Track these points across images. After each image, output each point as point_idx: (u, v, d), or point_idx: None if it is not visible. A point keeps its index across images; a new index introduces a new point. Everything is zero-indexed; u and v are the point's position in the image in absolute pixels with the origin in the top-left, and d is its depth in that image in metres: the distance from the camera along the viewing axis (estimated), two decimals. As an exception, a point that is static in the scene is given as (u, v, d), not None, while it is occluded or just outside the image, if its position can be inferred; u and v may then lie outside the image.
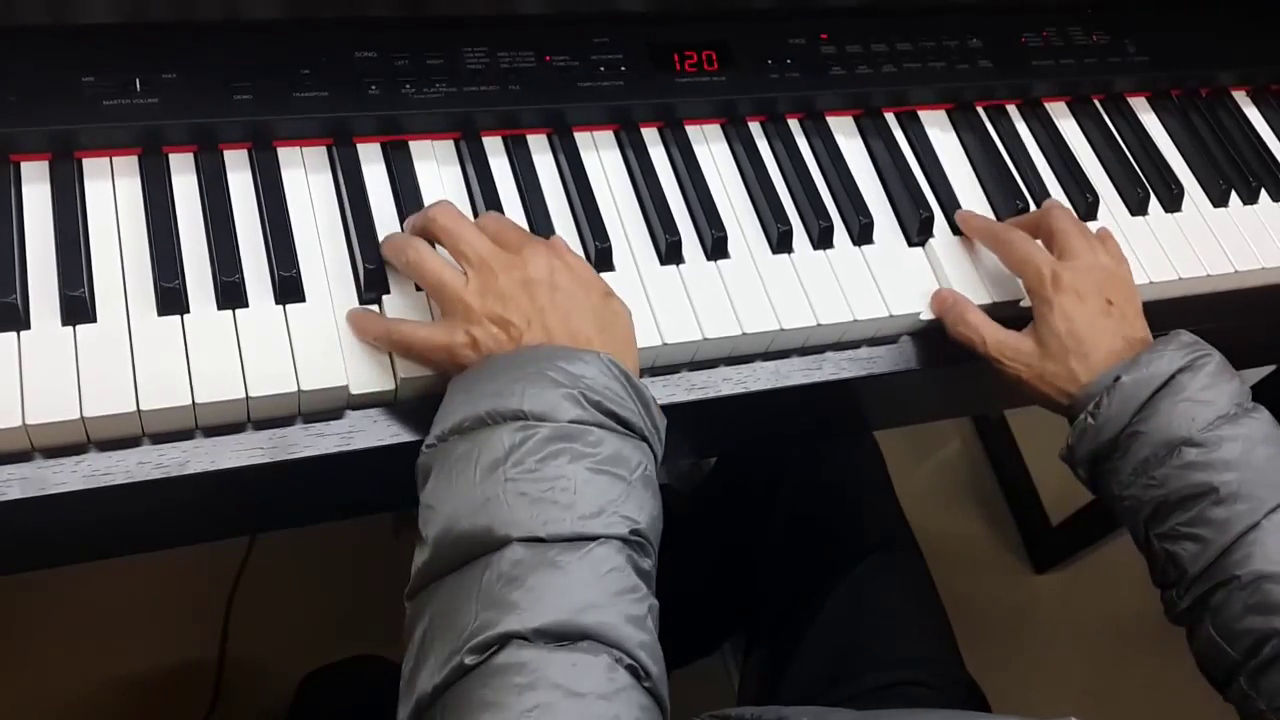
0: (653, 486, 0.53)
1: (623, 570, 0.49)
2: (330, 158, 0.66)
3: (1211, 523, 0.60)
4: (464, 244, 0.58)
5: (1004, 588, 1.56)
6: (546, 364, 0.53)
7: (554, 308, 0.57)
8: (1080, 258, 0.67)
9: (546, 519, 0.48)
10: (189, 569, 1.26)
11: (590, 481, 0.50)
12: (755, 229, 0.71)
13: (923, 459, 1.66)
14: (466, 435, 0.52)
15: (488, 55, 0.69)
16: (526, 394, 0.51)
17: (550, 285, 0.57)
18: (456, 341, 0.56)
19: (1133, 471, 0.62)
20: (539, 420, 0.51)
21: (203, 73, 0.63)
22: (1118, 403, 0.62)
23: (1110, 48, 0.84)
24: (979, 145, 0.79)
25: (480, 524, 0.48)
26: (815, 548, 0.95)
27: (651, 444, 0.55)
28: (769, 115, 0.76)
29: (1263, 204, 0.83)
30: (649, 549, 0.51)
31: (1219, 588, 0.59)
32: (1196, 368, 0.62)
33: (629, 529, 0.50)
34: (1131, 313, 0.67)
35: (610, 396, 0.53)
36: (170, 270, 0.59)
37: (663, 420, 0.56)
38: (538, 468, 0.49)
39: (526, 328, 0.56)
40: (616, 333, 0.59)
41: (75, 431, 0.55)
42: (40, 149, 0.61)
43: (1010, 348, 0.67)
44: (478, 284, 0.57)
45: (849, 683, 0.84)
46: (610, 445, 0.52)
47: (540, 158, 0.70)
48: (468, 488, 0.50)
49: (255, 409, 0.58)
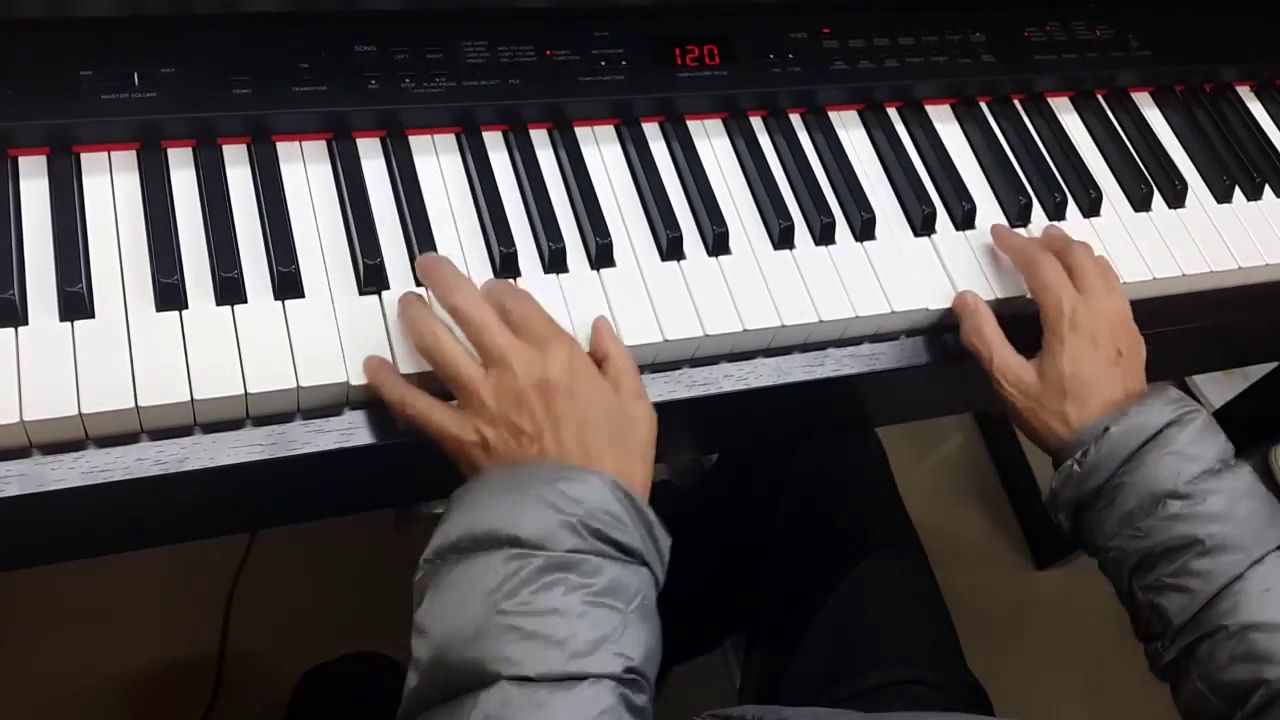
0: (650, 616, 0.52)
1: (613, 711, 0.47)
2: (330, 152, 0.66)
3: (1197, 574, 0.60)
4: (486, 337, 0.56)
5: (1005, 584, 1.56)
6: (546, 486, 0.51)
7: (569, 416, 0.55)
8: (1097, 300, 0.67)
9: (537, 657, 0.47)
10: (189, 565, 1.26)
11: (585, 615, 0.48)
12: (757, 225, 0.71)
13: (924, 455, 1.65)
14: (463, 557, 0.50)
15: (488, 49, 0.69)
16: (524, 519, 0.50)
17: (568, 392, 0.55)
18: (468, 439, 0.55)
19: (1118, 522, 0.63)
20: (534, 549, 0.49)
21: (201, 67, 0.63)
22: (1105, 452, 0.62)
23: (1114, 42, 0.84)
24: (982, 140, 0.79)
25: (470, 657, 0.47)
26: (817, 545, 0.94)
27: (653, 568, 0.54)
28: (771, 110, 0.76)
29: (1267, 199, 0.83)
30: (645, 686, 0.50)
31: (1205, 639, 0.59)
32: (1185, 423, 0.62)
33: (623, 667, 0.48)
34: (1135, 365, 0.67)
35: (610, 523, 0.51)
36: (169, 266, 0.58)
37: (667, 541, 0.55)
38: (531, 599, 0.48)
39: (538, 437, 0.54)
40: (631, 444, 0.57)
41: (73, 428, 0.54)
42: (38, 143, 0.60)
43: (1013, 373, 0.66)
44: (495, 382, 0.55)
45: (850, 681, 0.84)
46: (608, 574, 0.50)
47: (541, 152, 0.69)
48: (459, 615, 0.49)
49: (254, 405, 0.57)
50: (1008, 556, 1.59)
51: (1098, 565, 0.66)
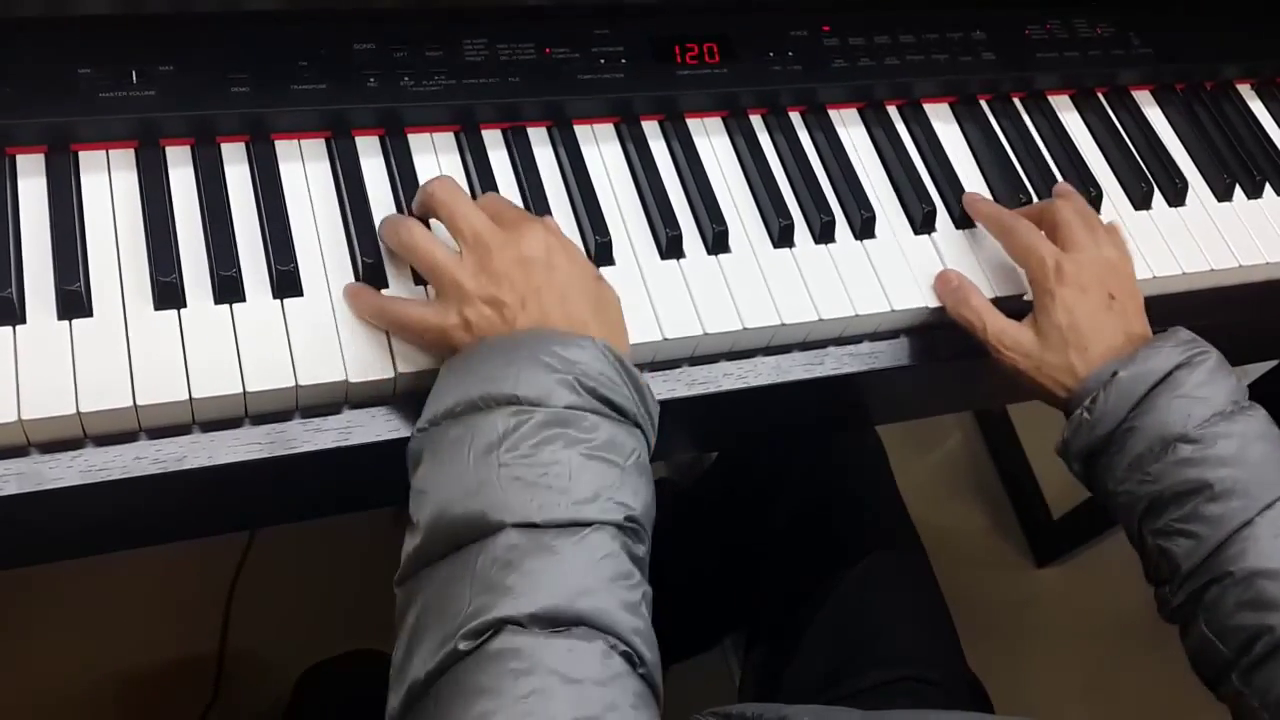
0: (646, 473, 0.53)
1: (617, 556, 0.49)
2: (328, 150, 0.65)
3: (1206, 519, 0.59)
4: (460, 219, 0.57)
5: (1006, 582, 1.56)
6: (541, 348, 0.52)
7: (549, 287, 0.56)
8: (1084, 250, 0.67)
9: (541, 504, 0.48)
10: (188, 564, 1.26)
11: (585, 467, 0.50)
12: (756, 223, 0.71)
13: (924, 453, 1.65)
14: (459, 419, 0.51)
15: (487, 47, 0.69)
16: (521, 379, 0.51)
17: (547, 264, 0.56)
18: (450, 323, 0.56)
19: (1128, 467, 0.62)
20: (533, 405, 0.50)
21: (200, 65, 0.62)
22: (1114, 398, 0.62)
23: (1114, 40, 0.84)
24: (982, 138, 0.79)
25: (474, 509, 0.48)
26: (818, 543, 0.94)
27: (645, 430, 0.55)
28: (770, 108, 0.76)
29: (1267, 198, 0.83)
30: (643, 535, 0.51)
31: (1212, 584, 0.59)
32: (1194, 364, 0.61)
33: (624, 515, 0.50)
34: (1133, 308, 0.67)
35: (605, 383, 0.52)
36: (167, 264, 0.58)
37: (656, 407, 0.56)
38: (532, 453, 0.49)
39: (521, 308, 0.55)
40: (610, 316, 0.58)
41: (72, 426, 0.54)
42: (36, 141, 0.60)
43: (1010, 336, 0.66)
44: (472, 263, 0.56)
45: (851, 679, 0.84)
46: (605, 431, 0.51)
47: (540, 150, 0.69)
48: (461, 472, 0.50)
49: (253, 404, 0.57)
50: (1008, 554, 1.59)
51: (1108, 510, 0.65)
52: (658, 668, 0.49)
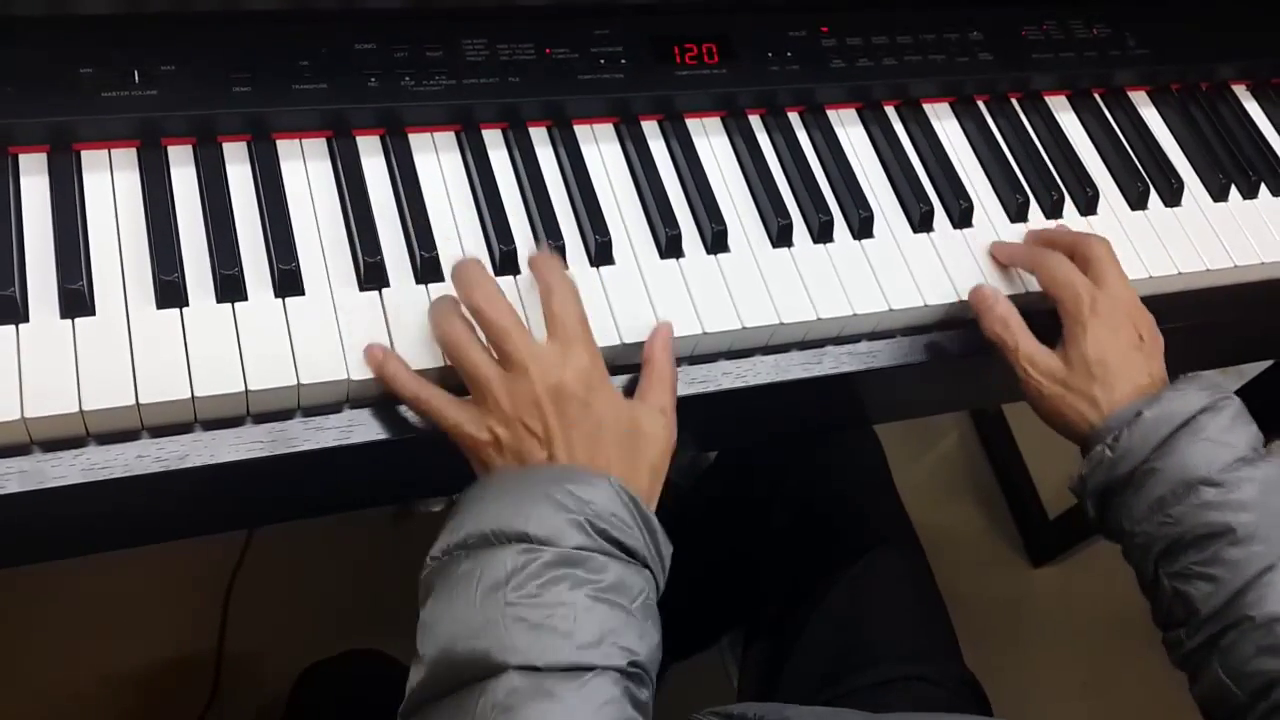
0: (653, 616, 0.53)
1: (618, 702, 0.48)
2: (329, 150, 0.66)
3: (1227, 563, 0.59)
4: (507, 342, 0.57)
5: (1001, 581, 1.57)
6: (555, 486, 0.52)
7: (581, 426, 0.56)
8: (1116, 288, 0.67)
9: (545, 647, 0.47)
10: (187, 563, 1.26)
11: (591, 609, 0.49)
12: (755, 223, 0.71)
13: (920, 453, 1.66)
14: (471, 553, 0.51)
15: (487, 48, 0.69)
16: (532, 516, 0.51)
17: (583, 402, 0.56)
18: (482, 437, 0.56)
19: (1148, 508, 0.62)
20: (543, 544, 0.50)
21: (201, 64, 0.63)
22: (1138, 437, 0.62)
23: (1110, 41, 0.84)
24: (980, 138, 0.79)
25: (478, 648, 0.48)
26: (816, 543, 0.95)
27: (654, 572, 0.54)
28: (769, 108, 0.76)
29: (1262, 198, 0.83)
30: (647, 680, 0.51)
31: (1230, 629, 0.59)
32: (1218, 409, 0.62)
33: (627, 660, 0.49)
34: (1158, 352, 0.67)
35: (616, 524, 0.52)
36: (169, 263, 0.58)
37: (668, 548, 0.56)
38: (539, 593, 0.49)
39: (549, 442, 0.55)
40: (640, 454, 0.58)
41: (74, 425, 0.54)
42: (38, 141, 0.60)
43: (1041, 361, 0.66)
44: (511, 384, 0.56)
45: (848, 678, 0.84)
46: (613, 573, 0.51)
47: (540, 150, 0.69)
48: (467, 609, 0.49)
49: (254, 402, 0.57)
50: (1003, 554, 1.60)
51: (1122, 552, 0.66)
52: None
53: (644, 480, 0.58)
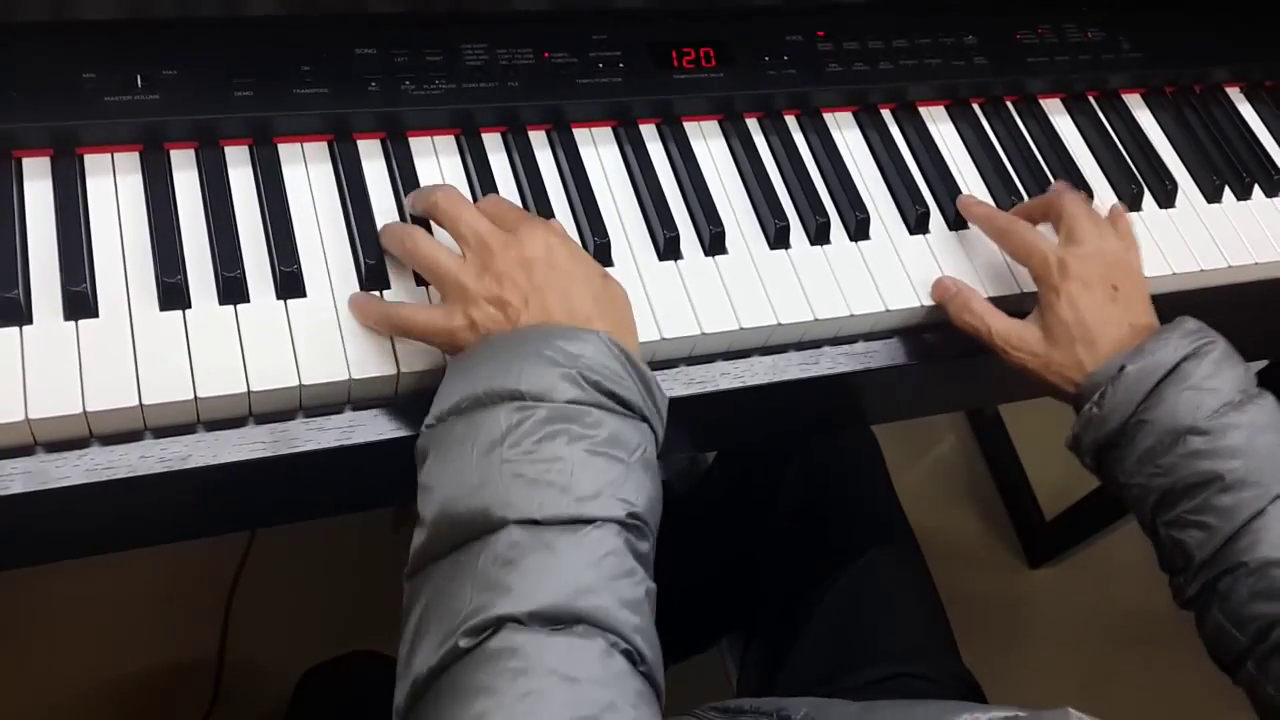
0: (652, 469, 0.53)
1: (619, 554, 0.48)
2: (331, 154, 0.66)
3: (1217, 510, 0.60)
4: (462, 224, 0.58)
5: (999, 583, 1.57)
6: (544, 343, 0.52)
7: (552, 286, 0.56)
8: (1087, 243, 0.67)
9: (543, 501, 0.48)
10: (188, 568, 1.26)
11: (588, 464, 0.49)
12: (753, 225, 0.72)
13: (918, 455, 1.66)
14: (464, 415, 0.51)
15: (487, 52, 0.69)
16: (524, 374, 0.51)
17: (548, 263, 0.57)
18: (456, 325, 0.56)
19: (1138, 460, 0.63)
20: (536, 400, 0.50)
21: (204, 69, 0.63)
22: (1123, 392, 0.62)
23: (1105, 44, 0.85)
24: (975, 141, 0.80)
25: (476, 506, 0.48)
26: (814, 543, 0.95)
27: (652, 424, 0.55)
28: (766, 112, 0.77)
29: (1256, 199, 0.84)
30: (647, 532, 0.51)
31: (1226, 574, 0.60)
32: (1201, 355, 0.62)
33: (626, 512, 0.49)
34: (1137, 298, 0.67)
35: (609, 376, 0.52)
36: (172, 265, 0.59)
37: (664, 400, 0.56)
38: (535, 449, 0.49)
39: (524, 307, 0.56)
40: (616, 312, 0.58)
41: (78, 426, 0.55)
42: (42, 145, 0.61)
43: (1016, 336, 0.67)
44: (475, 265, 0.57)
45: (846, 676, 0.84)
46: (609, 426, 0.51)
47: (539, 153, 0.70)
48: (465, 469, 0.50)
49: (257, 403, 0.58)
50: (1001, 555, 1.60)
51: (1121, 500, 0.66)
52: (659, 665, 0.49)
53: (627, 336, 0.58)
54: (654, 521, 0.52)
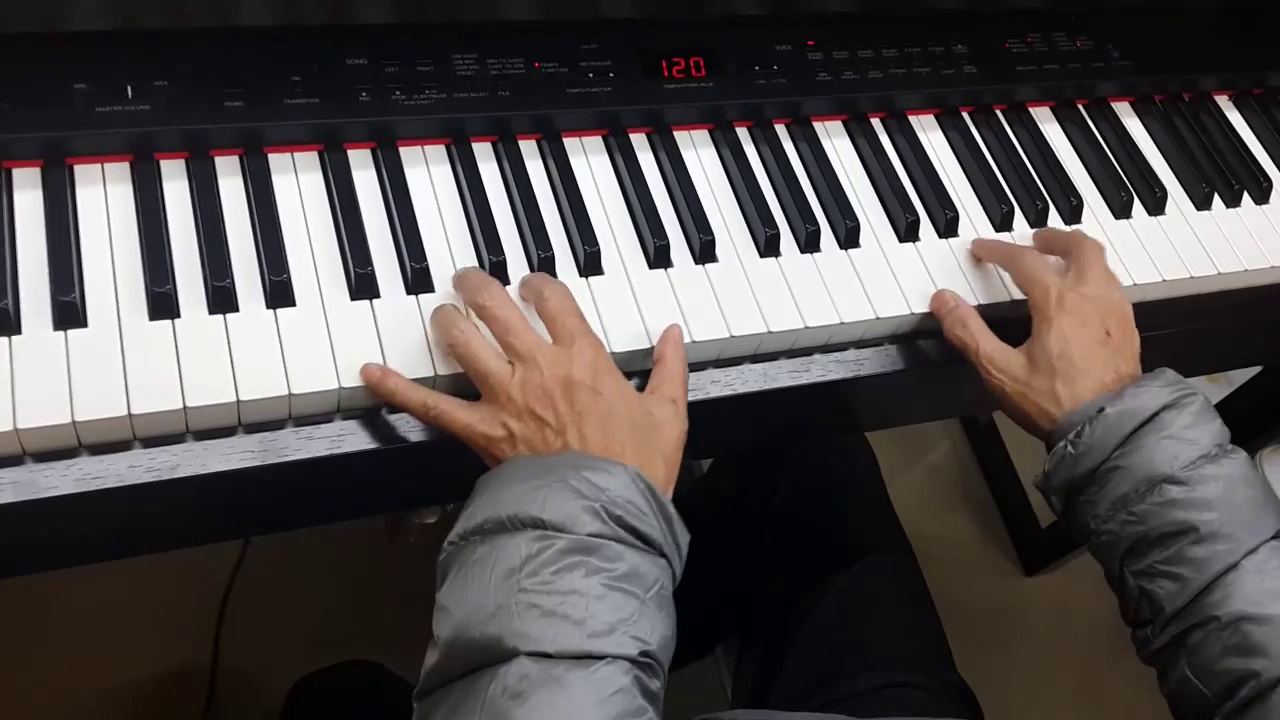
0: (668, 606, 0.53)
1: (628, 692, 0.48)
2: (321, 163, 0.66)
3: (1191, 561, 0.59)
4: (513, 336, 0.58)
5: (994, 590, 1.57)
6: (571, 473, 0.53)
7: (592, 413, 0.56)
8: (1091, 285, 0.67)
9: (556, 634, 0.48)
10: (181, 577, 1.26)
11: (604, 598, 0.49)
12: (743, 233, 0.72)
13: (913, 463, 1.66)
14: (486, 538, 0.52)
15: (477, 62, 0.70)
16: (548, 503, 0.51)
17: (593, 390, 0.57)
18: (495, 434, 0.57)
19: (1111, 506, 0.62)
20: (558, 531, 0.51)
21: (194, 79, 0.63)
22: (1100, 434, 0.62)
23: (1094, 53, 0.85)
24: (965, 149, 0.80)
25: (490, 633, 0.48)
26: (809, 551, 0.95)
27: (671, 560, 0.55)
28: (756, 121, 0.77)
29: (1245, 207, 0.84)
30: (659, 670, 0.51)
31: (1197, 628, 0.59)
32: (1181, 406, 0.62)
33: (639, 650, 0.49)
34: (1127, 349, 0.67)
35: (632, 511, 0.52)
36: (161, 275, 0.59)
37: (685, 536, 0.56)
38: (552, 580, 0.49)
39: (562, 430, 0.56)
40: (653, 443, 0.58)
41: (66, 435, 0.55)
42: (32, 155, 0.61)
43: (1001, 358, 0.66)
44: (522, 377, 0.57)
45: (841, 684, 0.84)
46: (628, 561, 0.51)
47: (530, 163, 0.70)
48: (481, 594, 0.50)
49: (246, 413, 0.58)
50: (996, 563, 1.60)
51: (1088, 548, 0.65)
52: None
53: (659, 469, 0.58)
54: (666, 659, 0.52)
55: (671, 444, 0.59)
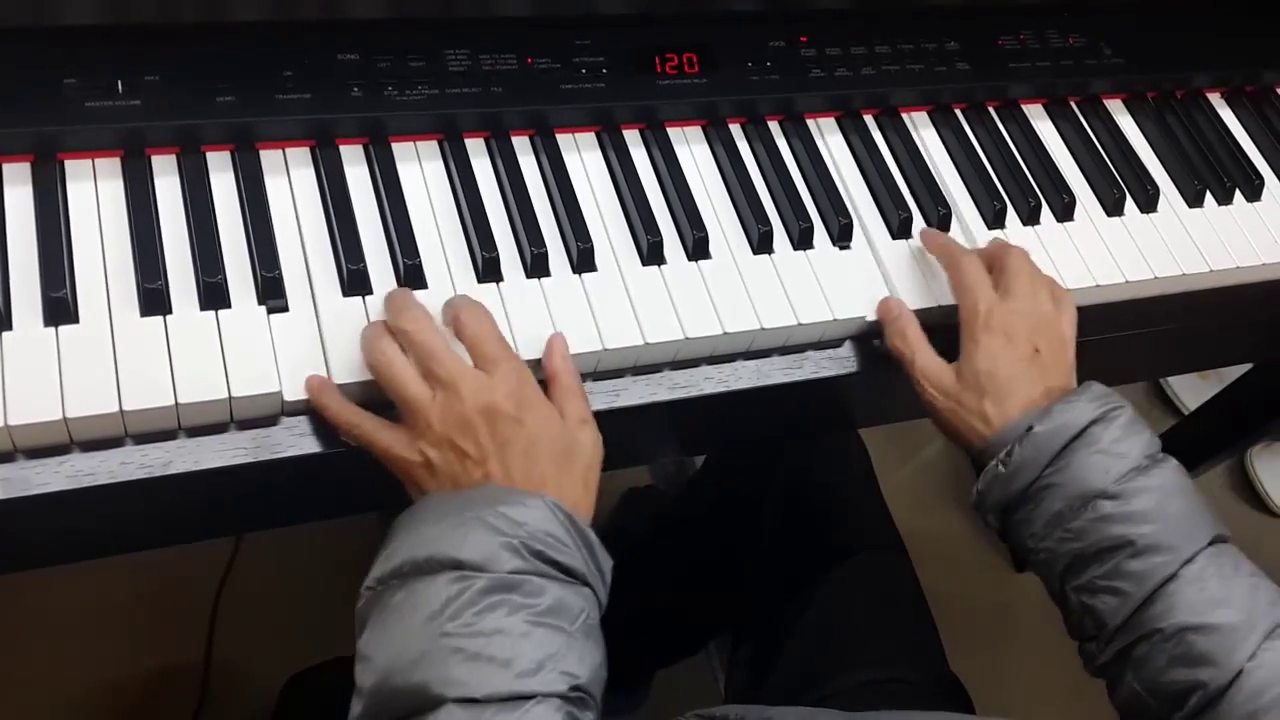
0: (595, 635, 0.52)
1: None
2: (313, 159, 0.66)
3: (1130, 575, 0.59)
4: (434, 363, 0.56)
5: (986, 587, 1.57)
6: (488, 509, 0.51)
7: (513, 443, 0.55)
8: (1019, 300, 0.66)
9: (483, 678, 0.47)
10: (174, 572, 1.26)
11: (529, 635, 0.48)
12: (736, 230, 0.72)
13: (906, 459, 1.67)
14: (404, 582, 0.50)
15: (470, 57, 0.69)
16: (466, 542, 0.50)
17: (515, 420, 0.55)
18: (413, 459, 0.56)
19: (1046, 523, 0.61)
20: (477, 570, 0.49)
21: (185, 74, 0.63)
22: (1030, 452, 0.61)
23: (1086, 50, 0.85)
24: (957, 146, 0.80)
25: (415, 681, 0.47)
26: (802, 547, 0.95)
27: (595, 589, 0.54)
28: (749, 117, 0.77)
29: (1237, 204, 0.85)
30: (590, 703, 0.50)
31: (1141, 640, 0.59)
32: (1109, 420, 0.61)
33: (569, 685, 0.48)
34: (1059, 364, 0.66)
35: (551, 544, 0.51)
36: (153, 271, 0.59)
37: (608, 563, 0.55)
38: (475, 621, 0.48)
39: (483, 461, 0.55)
40: (574, 469, 0.57)
41: (58, 432, 0.55)
42: (22, 151, 0.61)
43: (934, 374, 0.66)
44: (442, 405, 0.55)
45: (833, 680, 0.84)
46: (551, 595, 0.50)
47: (523, 159, 0.70)
48: (404, 640, 0.49)
49: (238, 409, 0.58)
50: (988, 559, 1.60)
51: (1028, 566, 0.65)
52: None
53: (579, 493, 0.57)
54: (598, 692, 0.51)
55: (591, 467, 0.58)
